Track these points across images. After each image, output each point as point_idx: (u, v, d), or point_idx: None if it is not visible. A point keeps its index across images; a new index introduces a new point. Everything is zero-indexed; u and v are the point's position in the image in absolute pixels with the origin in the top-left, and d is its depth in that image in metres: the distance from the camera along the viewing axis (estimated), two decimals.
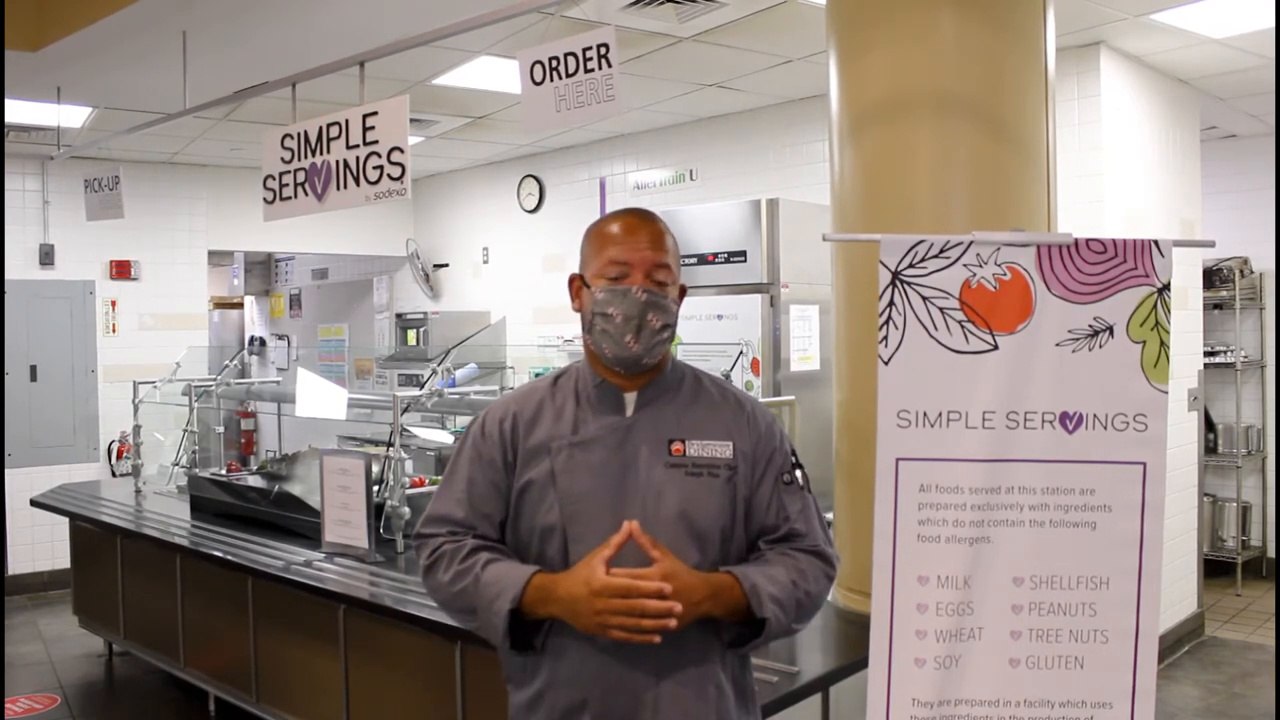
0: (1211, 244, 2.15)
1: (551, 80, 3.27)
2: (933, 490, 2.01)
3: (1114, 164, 5.29)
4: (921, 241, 1.99)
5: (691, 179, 7.17)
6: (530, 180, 8.30)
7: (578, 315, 1.99)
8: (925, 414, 2.00)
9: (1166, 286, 1.99)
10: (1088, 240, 1.99)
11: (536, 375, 8.27)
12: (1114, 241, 1.99)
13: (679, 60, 5.50)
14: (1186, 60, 5.58)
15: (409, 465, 4.42)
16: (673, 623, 1.71)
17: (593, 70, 3.18)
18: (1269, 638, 6.20)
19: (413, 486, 4.31)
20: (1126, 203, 5.37)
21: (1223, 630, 6.33)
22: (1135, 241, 1.98)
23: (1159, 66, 5.68)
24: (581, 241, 2.01)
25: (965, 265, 1.98)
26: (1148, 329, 1.99)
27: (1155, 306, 1.99)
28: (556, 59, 3.25)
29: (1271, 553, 7.42)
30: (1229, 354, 7.28)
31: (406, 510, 4.01)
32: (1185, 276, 5.89)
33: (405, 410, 4.26)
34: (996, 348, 1.99)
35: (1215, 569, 7.01)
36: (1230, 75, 5.87)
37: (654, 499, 1.88)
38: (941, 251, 1.98)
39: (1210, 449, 7.20)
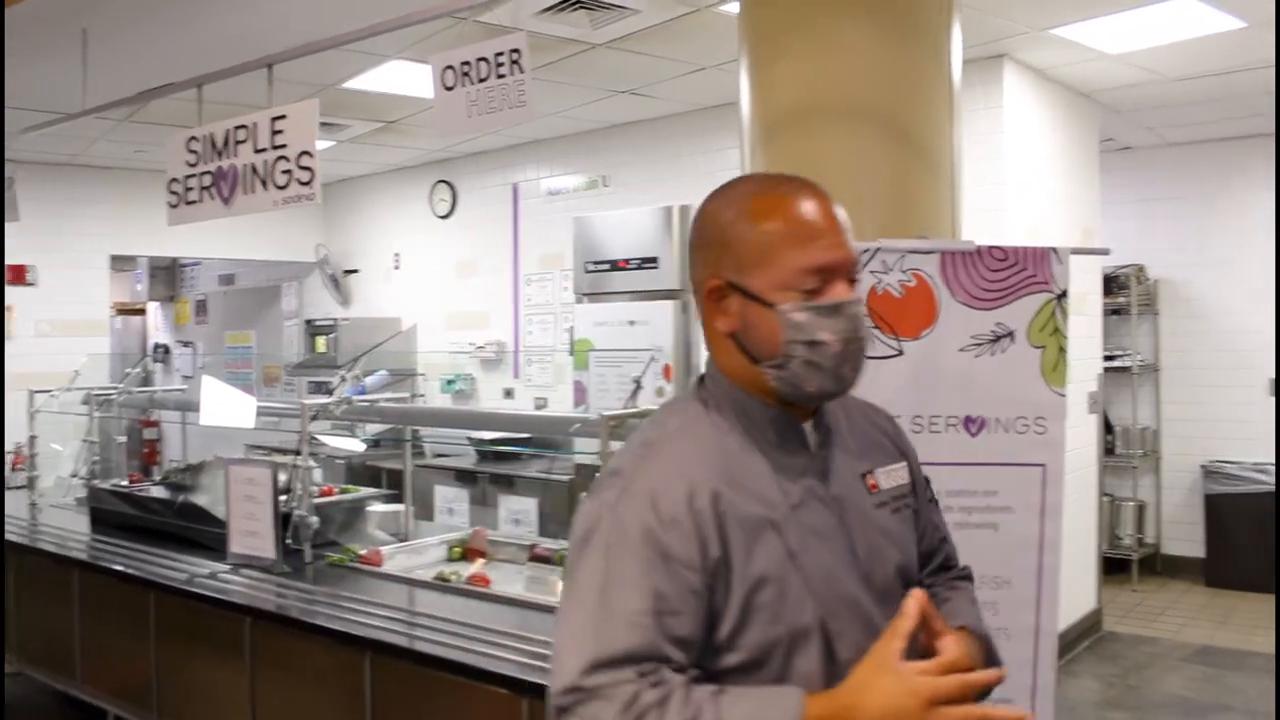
0: (1107, 252, 2.23)
1: (463, 85, 3.25)
2: None
3: (1017, 173, 5.42)
4: None
5: (605, 185, 7.18)
6: (443, 185, 8.24)
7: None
8: None
9: (1064, 293, 2.05)
10: (990, 248, 2.04)
11: (449, 383, 8.25)
12: (1015, 249, 2.04)
13: (592, 67, 5.50)
14: (1086, 74, 5.76)
15: (318, 474, 4.35)
16: None
17: (505, 76, 3.17)
18: (1163, 631, 6.41)
19: (321, 495, 4.24)
20: (1028, 211, 5.51)
21: (1120, 625, 6.52)
22: (1035, 249, 2.04)
23: (1060, 79, 5.85)
24: (716, 229, 1.48)
25: (872, 272, 2.02)
26: (1047, 334, 2.05)
27: (1054, 312, 2.05)
28: (469, 64, 3.23)
29: (1165, 550, 7.67)
30: (1126, 358, 7.52)
31: (315, 520, 3.95)
32: (1085, 283, 6.06)
33: (314, 418, 4.19)
34: (902, 353, 2.03)
35: (1113, 566, 7.22)
36: (1127, 89, 6.07)
37: (885, 557, 1.49)
38: None
39: (1109, 450, 7.42)
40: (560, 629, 1.35)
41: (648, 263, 5.25)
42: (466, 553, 4.02)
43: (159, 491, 4.86)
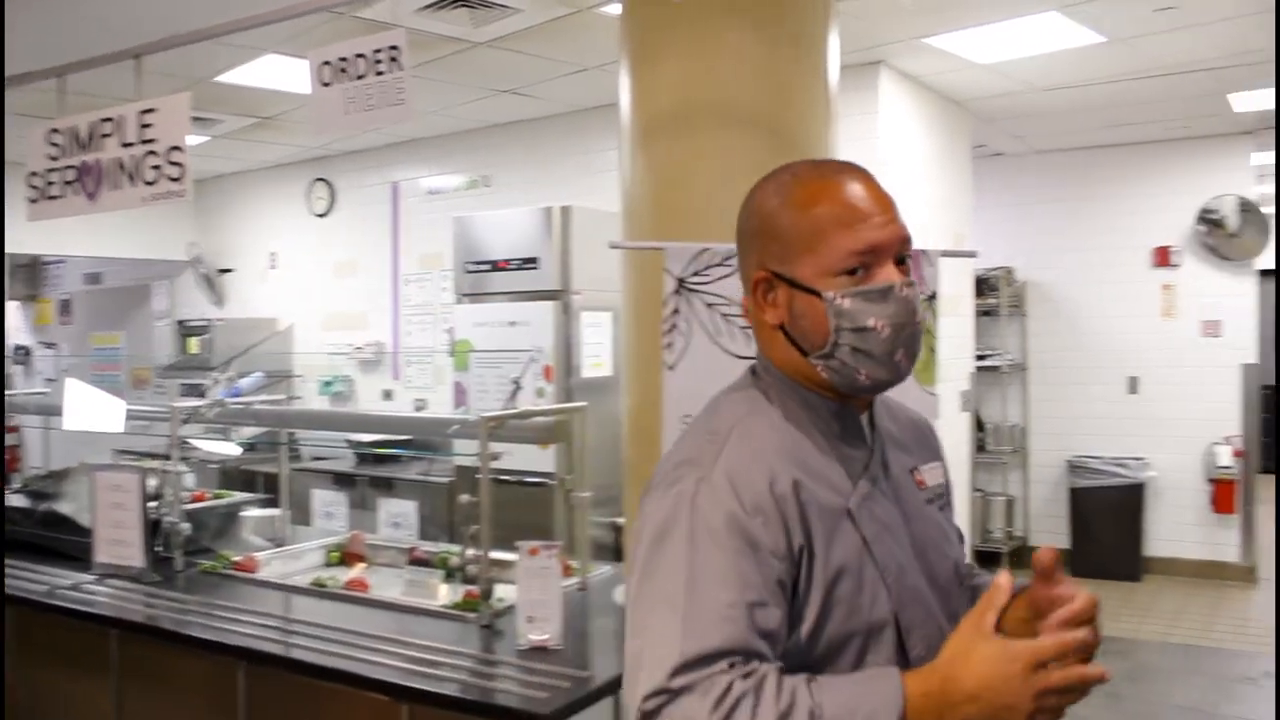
0: (975, 254, 2.28)
1: (341, 82, 3.19)
2: None
3: (892, 177, 5.52)
4: (705, 250, 2.03)
5: (486, 185, 7.13)
6: (321, 184, 8.08)
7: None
8: None
9: (934, 295, 2.10)
10: None
11: (326, 385, 8.10)
12: None
13: (473, 65, 5.46)
14: (958, 82, 5.93)
15: (190, 479, 4.23)
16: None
17: (383, 73, 3.12)
18: None
19: (193, 501, 4.12)
20: (903, 215, 5.64)
21: None
22: None
23: (934, 87, 6.01)
24: (759, 219, 1.43)
25: None
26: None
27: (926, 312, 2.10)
28: (346, 60, 3.17)
29: (1033, 542, 7.95)
30: (997, 358, 7.76)
31: (186, 526, 3.83)
32: (958, 286, 6.24)
33: (185, 422, 4.06)
34: None
35: (984, 559, 7.45)
36: (997, 98, 6.27)
37: (937, 549, 1.46)
38: (725, 260, 2.03)
39: (980, 447, 7.66)
40: (641, 629, 1.26)
41: (528, 263, 5.23)
42: (345, 557, 3.95)
43: (19, 500, 4.65)
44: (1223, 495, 7.40)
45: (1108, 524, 7.54)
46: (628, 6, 3.40)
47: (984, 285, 7.65)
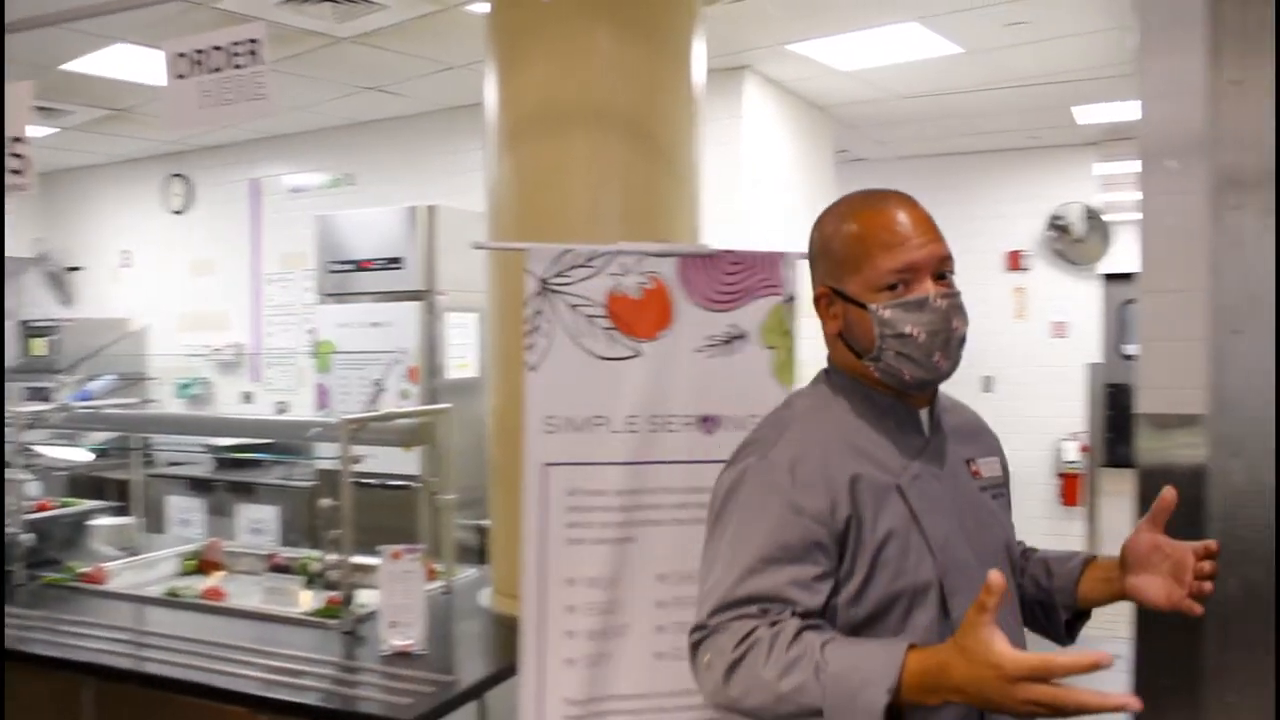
0: None
1: (197, 74, 3.09)
2: (580, 494, 2.06)
3: (757, 181, 5.64)
4: (568, 251, 2.03)
5: (350, 183, 7.00)
6: (177, 179, 7.81)
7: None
8: (572, 419, 2.04)
9: (793, 296, 2.14)
10: (724, 252, 2.11)
11: (184, 387, 7.83)
12: (748, 253, 2.12)
13: (337, 61, 5.35)
14: (821, 89, 6.05)
15: (34, 487, 4.04)
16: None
17: (242, 66, 3.03)
18: None
19: (37, 510, 3.94)
20: (767, 218, 5.74)
21: None
22: (767, 254, 2.12)
23: (797, 93, 6.12)
24: (820, 243, 1.66)
25: (611, 275, 2.05)
26: (777, 335, 2.13)
27: (784, 315, 2.13)
28: (203, 52, 3.07)
29: None
30: None
31: (29, 537, 3.65)
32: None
33: (29, 427, 3.88)
34: (639, 354, 2.07)
35: None
36: (859, 104, 6.42)
37: (990, 532, 1.65)
38: (588, 261, 2.04)
39: None
40: (701, 581, 1.52)
41: (393, 263, 5.15)
42: (201, 565, 3.83)
43: None
44: (1070, 488, 7.73)
45: None
46: (495, 6, 3.38)
47: None
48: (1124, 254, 7.52)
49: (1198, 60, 2.91)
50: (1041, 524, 7.85)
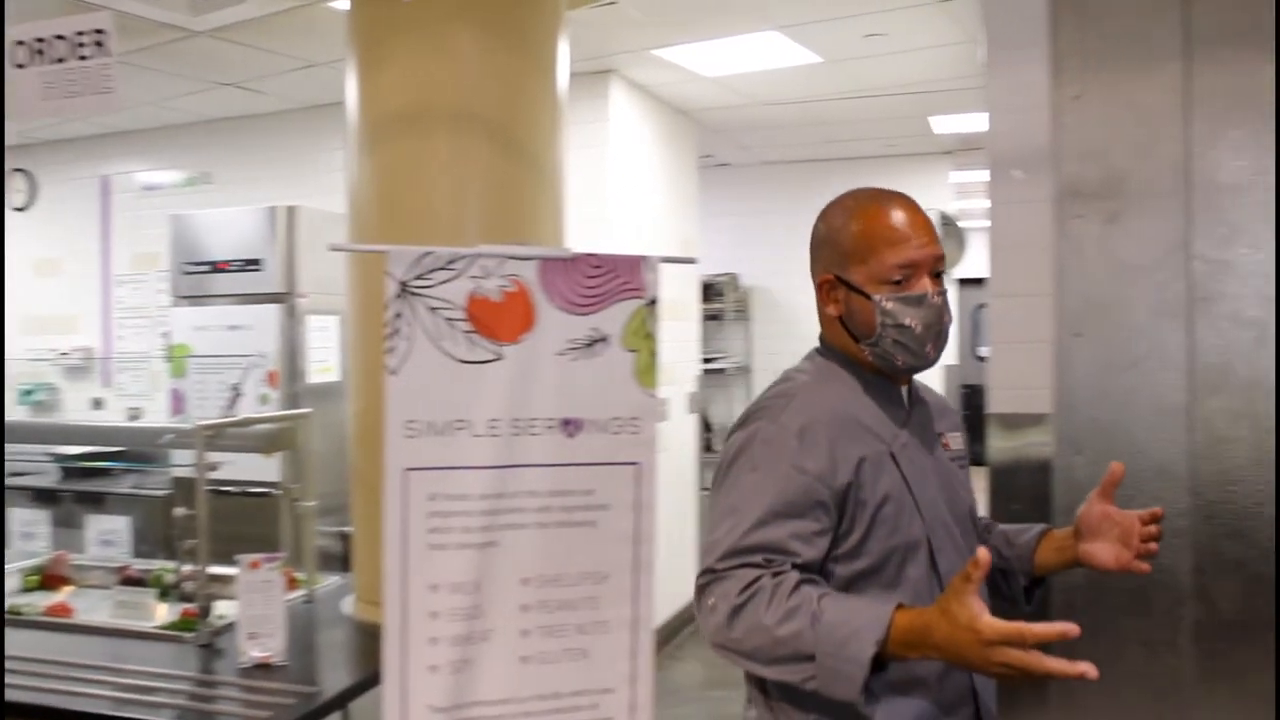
0: (694, 261, 2.37)
1: (38, 64, 2.95)
2: (442, 498, 2.04)
3: (622, 184, 5.67)
4: (429, 254, 2.01)
5: (207, 182, 6.79)
6: (19, 174, 7.45)
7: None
8: (433, 423, 2.02)
9: (655, 300, 2.16)
10: (585, 255, 2.11)
11: (27, 394, 7.49)
12: (609, 257, 2.12)
13: (193, 55, 5.19)
14: (686, 94, 6.12)
15: None
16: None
17: (88, 57, 2.91)
18: None
19: None
20: (633, 221, 5.78)
21: None
22: (628, 257, 2.14)
23: (663, 97, 6.18)
24: (826, 233, 1.81)
25: (472, 277, 2.03)
26: (639, 338, 2.15)
27: (645, 318, 2.15)
28: (45, 41, 2.94)
29: None
30: (724, 360, 8.07)
31: None
32: (685, 290, 6.44)
33: None
34: (501, 357, 2.06)
35: None
36: (723, 110, 6.52)
37: (960, 498, 1.84)
38: (449, 264, 2.02)
39: (708, 447, 7.92)
40: (711, 529, 1.67)
41: (251, 265, 5.02)
42: (45, 580, 3.66)
43: None
44: None
45: None
46: (355, 4, 3.33)
47: (710, 290, 7.94)
48: (978, 259, 7.81)
49: (1041, 75, 3.05)
50: None
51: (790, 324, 8.25)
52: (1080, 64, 3.09)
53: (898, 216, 1.75)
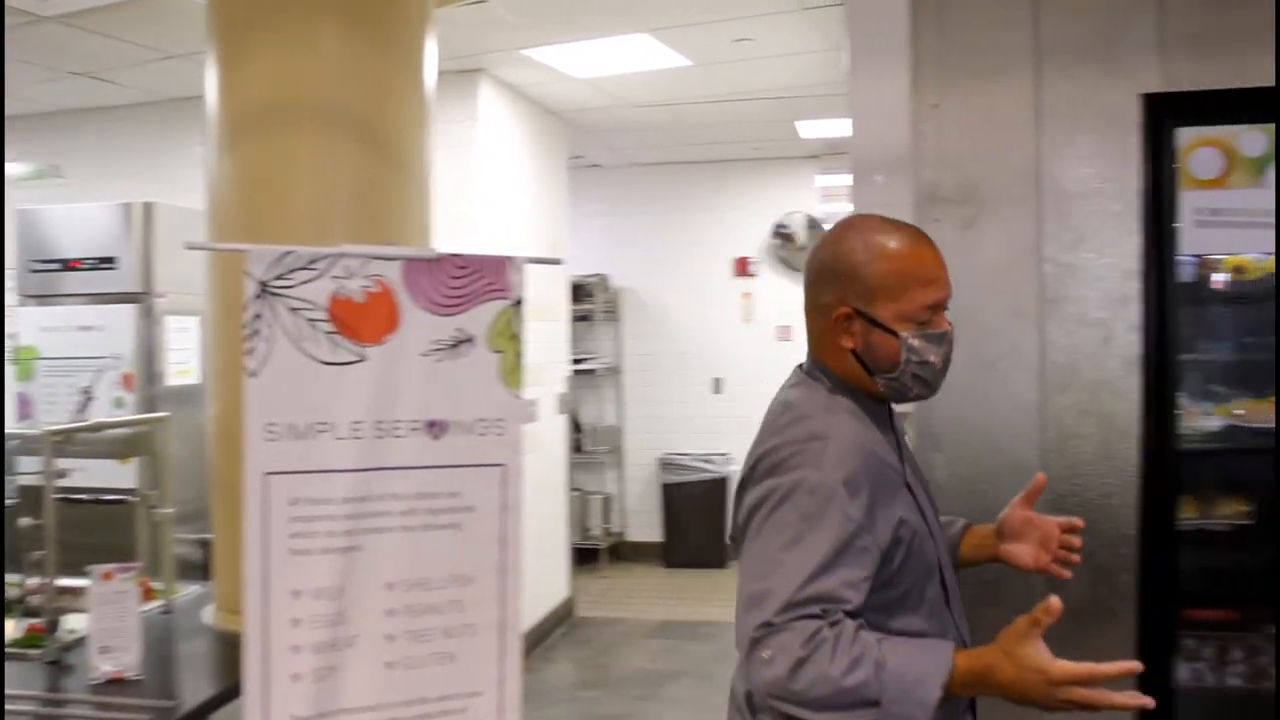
0: (559, 262, 2.37)
1: None
2: (303, 503, 2.00)
3: (491, 184, 5.64)
4: (290, 253, 1.97)
5: (57, 176, 6.51)
6: None
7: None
8: (294, 426, 1.98)
9: (521, 300, 2.16)
10: (450, 255, 2.10)
11: None
12: (474, 257, 2.12)
13: (40, 42, 4.96)
14: (556, 94, 6.12)
15: None
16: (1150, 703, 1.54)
17: None
18: (629, 612, 6.99)
19: None
20: (502, 221, 5.75)
21: (591, 610, 7.01)
22: (493, 258, 2.13)
23: (533, 98, 6.16)
24: (849, 266, 1.76)
25: (334, 278, 2.00)
26: (505, 339, 2.14)
27: (511, 319, 2.15)
28: None
29: (630, 537, 8.37)
30: (593, 361, 8.09)
31: None
32: (554, 291, 6.44)
33: None
34: (364, 359, 2.03)
35: (584, 556, 7.76)
36: (593, 111, 6.53)
37: (936, 512, 1.90)
38: (310, 264, 1.98)
39: (578, 448, 7.95)
40: (754, 579, 1.64)
41: (105, 263, 4.83)
42: None
43: None
44: None
45: (697, 516, 8.07)
46: None
47: (580, 291, 7.95)
48: None
49: (902, 83, 3.13)
50: None
51: (660, 325, 8.33)
52: (938, 73, 3.19)
53: (927, 256, 1.76)
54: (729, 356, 8.23)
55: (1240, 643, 3.13)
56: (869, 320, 1.74)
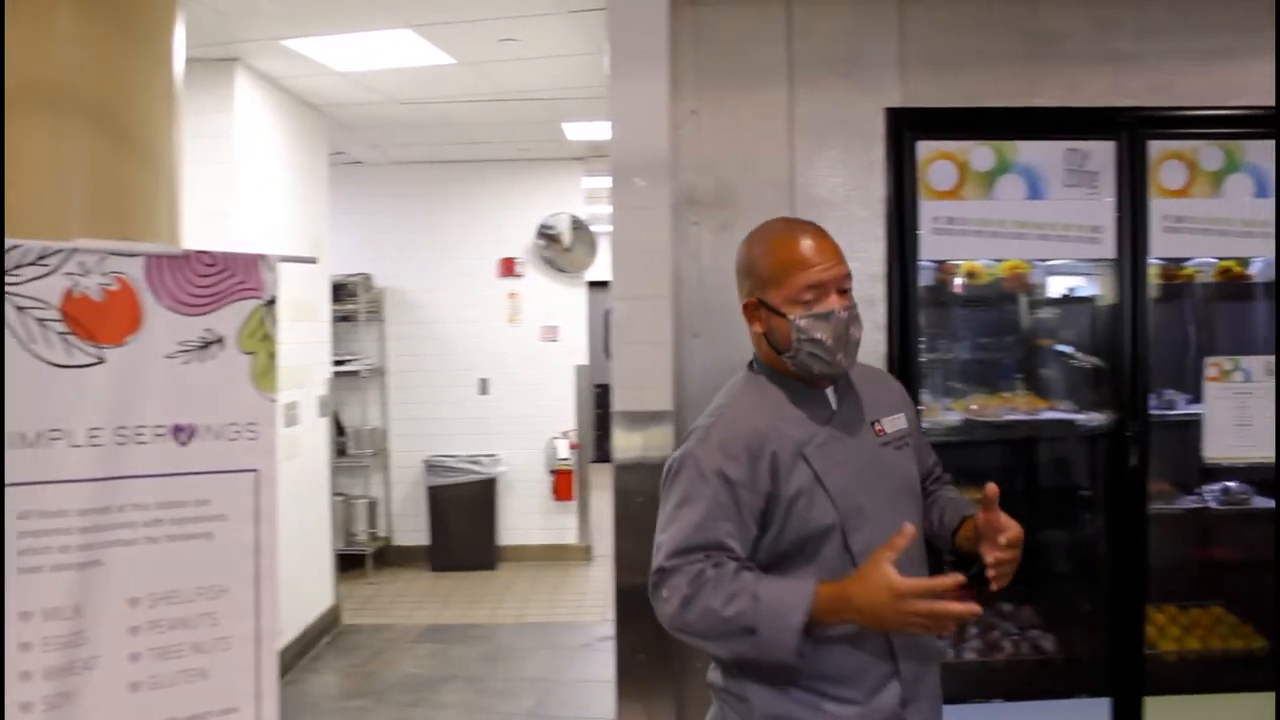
0: (314, 260, 2.31)
1: None
2: (34, 516, 1.86)
3: (248, 179, 5.41)
4: (16, 247, 1.84)
5: None
6: None
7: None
8: (23, 434, 1.85)
9: (274, 300, 2.08)
10: (198, 252, 2.01)
11: None
12: (224, 255, 2.03)
13: None
14: (316, 88, 5.92)
15: None
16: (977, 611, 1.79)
17: None
18: (397, 617, 6.86)
19: None
20: (261, 218, 5.53)
21: (358, 617, 6.84)
22: (244, 256, 2.05)
23: (293, 91, 5.95)
24: (748, 262, 2.04)
25: (68, 274, 1.87)
26: (257, 340, 2.07)
27: (264, 319, 2.07)
28: None
29: (396, 541, 8.22)
30: (356, 363, 7.90)
31: None
32: (314, 291, 6.24)
33: None
34: (103, 361, 1.91)
35: (349, 562, 7.56)
36: (355, 107, 6.37)
37: (888, 478, 2.05)
38: (39, 259, 1.85)
39: (341, 451, 7.74)
40: (658, 533, 1.97)
41: None
42: None
43: None
44: (562, 484, 8.19)
45: (464, 518, 8.00)
46: None
47: (343, 291, 7.74)
48: (608, 263, 8.10)
49: (661, 89, 3.21)
50: (539, 519, 8.27)
51: (427, 325, 8.21)
52: (696, 81, 3.29)
53: (805, 244, 1.98)
54: (495, 357, 8.20)
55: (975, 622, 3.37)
56: (768, 308, 2.00)
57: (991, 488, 1.97)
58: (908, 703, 1.99)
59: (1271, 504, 3.48)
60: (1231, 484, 3.50)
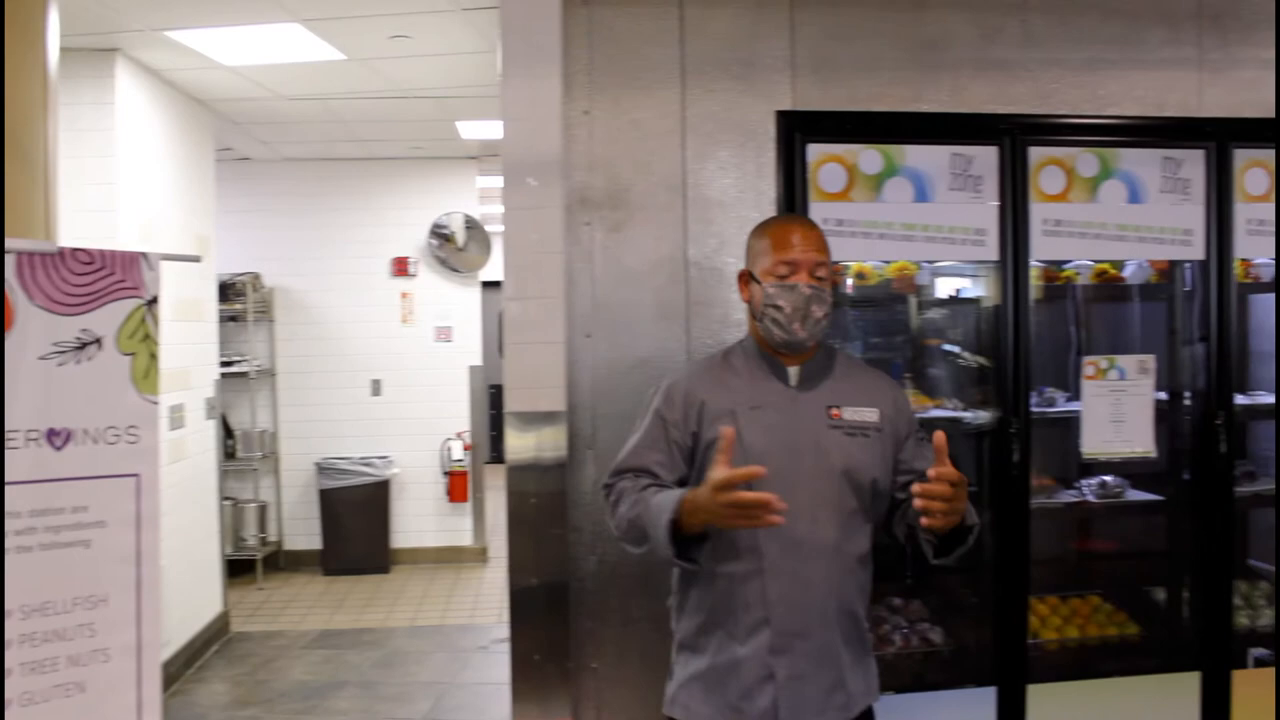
0: (197, 259, 2.25)
1: None
2: None
3: (130, 174, 5.25)
4: None
5: None
6: None
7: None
8: None
9: (155, 299, 2.02)
10: (74, 250, 1.94)
11: None
12: (102, 253, 1.96)
13: None
14: (202, 81, 5.77)
15: None
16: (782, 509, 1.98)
17: None
18: (288, 623, 6.72)
19: None
20: (143, 214, 5.36)
21: (248, 624, 6.69)
22: (124, 254, 1.99)
23: (177, 84, 5.79)
24: (748, 243, 2.43)
25: None
26: (137, 341, 2.01)
27: (145, 319, 2.01)
28: None
29: (287, 545, 8.05)
30: (245, 363, 7.71)
31: None
32: (200, 290, 6.08)
33: None
34: None
35: (238, 567, 7.39)
36: (243, 102, 6.22)
37: (822, 454, 2.27)
38: None
39: (230, 454, 7.55)
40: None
41: None
42: None
43: None
44: (457, 486, 8.12)
45: (357, 521, 7.88)
46: None
47: (230, 290, 7.55)
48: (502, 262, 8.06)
49: (553, 89, 3.19)
50: (433, 522, 8.19)
51: (318, 326, 8.06)
52: (589, 82, 3.28)
53: (791, 230, 2.35)
54: (388, 358, 8.09)
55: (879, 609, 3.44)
56: (753, 278, 2.36)
57: (939, 435, 2.11)
58: (779, 652, 2.23)
59: (1145, 496, 3.63)
60: (1108, 478, 3.63)
